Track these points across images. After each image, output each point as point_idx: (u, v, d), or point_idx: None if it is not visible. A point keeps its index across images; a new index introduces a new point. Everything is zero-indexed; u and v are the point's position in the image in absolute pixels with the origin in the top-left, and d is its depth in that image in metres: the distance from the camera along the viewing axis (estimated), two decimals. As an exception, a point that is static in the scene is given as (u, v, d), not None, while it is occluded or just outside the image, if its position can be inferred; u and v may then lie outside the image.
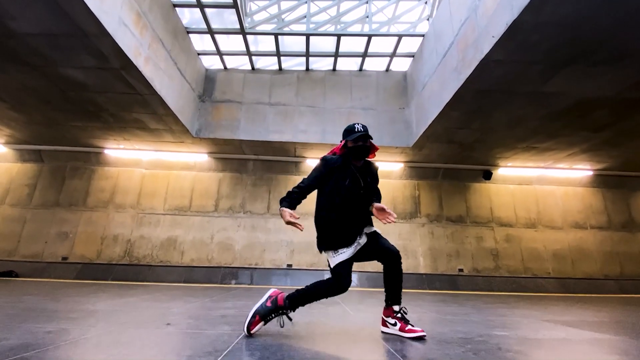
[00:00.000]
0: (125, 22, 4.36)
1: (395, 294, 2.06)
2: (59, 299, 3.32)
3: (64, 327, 1.91)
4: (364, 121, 7.23)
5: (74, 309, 2.65)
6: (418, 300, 4.36)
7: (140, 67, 4.77)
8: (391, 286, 2.06)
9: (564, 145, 6.86)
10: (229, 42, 6.98)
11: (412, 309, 3.40)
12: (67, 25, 3.98)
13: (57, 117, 6.44)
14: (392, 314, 2.04)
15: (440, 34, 5.75)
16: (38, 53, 4.51)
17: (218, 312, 2.74)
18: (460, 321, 2.59)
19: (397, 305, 2.05)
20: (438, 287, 7.15)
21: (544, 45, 4.00)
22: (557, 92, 4.98)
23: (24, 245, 7.47)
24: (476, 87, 4.86)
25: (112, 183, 7.95)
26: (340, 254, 2.01)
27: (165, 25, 5.46)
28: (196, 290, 4.99)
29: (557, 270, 7.80)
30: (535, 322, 2.69)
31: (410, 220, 7.92)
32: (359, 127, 2.12)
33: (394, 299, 2.05)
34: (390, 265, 2.04)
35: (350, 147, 2.11)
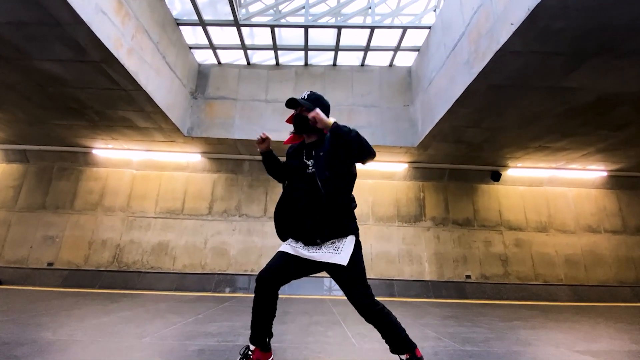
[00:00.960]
0: (104, 10, 3.95)
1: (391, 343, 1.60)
2: (23, 320, 2.93)
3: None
4: (366, 119, 6.83)
5: (28, 340, 2.26)
6: (426, 316, 3.96)
7: (122, 60, 4.36)
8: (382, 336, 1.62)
9: (579, 144, 6.44)
10: (223, 35, 6.56)
11: (423, 332, 3.00)
12: (37, 13, 3.58)
13: (39, 115, 6.04)
14: None
15: (448, 25, 5.33)
16: (9, 44, 4.10)
17: (197, 342, 2.34)
18: (482, 355, 2.19)
19: (402, 354, 1.59)
20: (444, 295, 6.75)
21: (568, 34, 3.58)
22: (577, 87, 4.56)
23: (9, 250, 7.08)
24: (489, 81, 4.44)
25: (101, 184, 7.55)
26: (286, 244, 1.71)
27: (151, 15, 5.05)
28: (185, 303, 4.59)
29: (570, 276, 7.39)
30: (570, 354, 2.29)
31: (414, 224, 7.51)
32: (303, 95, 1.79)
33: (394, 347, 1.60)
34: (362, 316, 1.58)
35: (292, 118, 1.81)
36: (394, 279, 7.02)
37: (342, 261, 1.55)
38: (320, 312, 4.12)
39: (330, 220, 1.62)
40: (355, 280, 1.57)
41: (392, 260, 7.21)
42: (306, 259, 1.64)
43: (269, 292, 1.63)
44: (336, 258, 1.56)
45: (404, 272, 7.12)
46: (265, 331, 1.64)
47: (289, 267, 1.65)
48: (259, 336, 1.63)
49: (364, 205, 7.62)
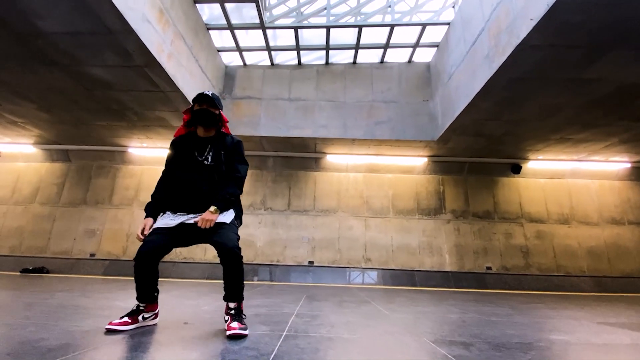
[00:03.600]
0: (149, 19, 4.34)
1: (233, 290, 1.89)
2: (89, 295, 3.34)
3: (99, 326, 1.87)
4: (386, 115, 7.05)
5: (105, 306, 2.63)
6: (449, 299, 4.17)
7: (163, 64, 4.75)
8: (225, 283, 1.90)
9: (601, 135, 6.46)
10: (247, 38, 6.91)
11: (447, 308, 3.23)
12: (93, 23, 3.99)
13: (83, 117, 6.55)
14: (227, 311, 1.91)
15: (468, 20, 5.48)
16: (64, 52, 4.55)
17: (249, 310, 2.66)
18: (507, 323, 2.42)
19: (234, 302, 1.89)
20: (465, 285, 6.91)
21: (587, 27, 3.72)
22: (598, 78, 4.65)
23: (54, 242, 7.69)
24: (510, 75, 4.59)
25: (136, 181, 8.07)
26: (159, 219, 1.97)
27: (186, 22, 5.43)
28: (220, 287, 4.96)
29: (593, 268, 7.40)
30: (589, 324, 2.49)
31: (434, 217, 7.68)
32: (206, 92, 2.04)
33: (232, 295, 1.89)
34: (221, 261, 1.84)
35: (195, 110, 2.04)
36: (415, 270, 7.23)
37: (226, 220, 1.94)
38: (347, 295, 4.40)
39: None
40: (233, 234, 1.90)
41: (413, 252, 7.41)
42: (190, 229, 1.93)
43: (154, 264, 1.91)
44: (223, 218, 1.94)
45: (424, 263, 7.31)
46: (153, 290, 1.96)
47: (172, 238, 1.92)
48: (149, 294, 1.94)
49: (384, 198, 7.85)
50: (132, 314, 1.89)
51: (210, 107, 2.04)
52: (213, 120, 2.07)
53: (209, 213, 1.89)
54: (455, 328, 2.17)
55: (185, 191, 1.99)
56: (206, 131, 2.09)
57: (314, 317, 2.45)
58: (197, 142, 2.07)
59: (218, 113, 2.09)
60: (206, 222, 1.86)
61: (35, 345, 1.42)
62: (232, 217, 1.99)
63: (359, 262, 7.34)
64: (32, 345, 1.42)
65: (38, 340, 1.50)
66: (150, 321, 1.97)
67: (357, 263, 7.32)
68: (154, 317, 2.00)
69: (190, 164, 2.01)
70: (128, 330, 1.80)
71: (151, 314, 1.97)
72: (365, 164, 8.02)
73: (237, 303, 1.91)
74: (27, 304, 2.58)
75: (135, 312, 1.90)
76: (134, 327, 1.85)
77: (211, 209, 1.90)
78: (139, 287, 1.90)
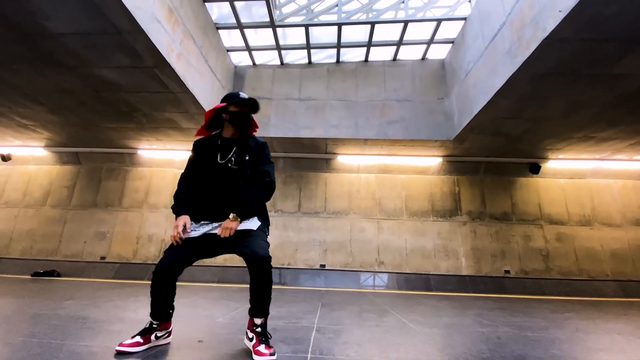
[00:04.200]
0: (158, 18, 4.22)
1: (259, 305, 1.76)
2: (100, 304, 3.23)
3: (109, 346, 1.73)
4: (399, 114, 6.85)
5: (116, 318, 2.51)
6: (472, 307, 3.97)
7: (173, 64, 4.63)
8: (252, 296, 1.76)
9: (626, 134, 6.17)
10: (257, 37, 6.78)
11: (474, 319, 3.04)
12: (101, 23, 3.88)
13: (92, 119, 6.50)
14: (251, 327, 1.77)
15: (487, 14, 5.26)
16: (73, 53, 4.46)
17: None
18: (546, 340, 2.22)
19: (260, 318, 1.76)
20: (482, 290, 6.67)
21: (620, 19, 3.48)
22: (627, 73, 4.40)
23: (65, 245, 7.67)
24: (534, 70, 4.36)
25: (145, 183, 8.01)
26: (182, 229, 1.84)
27: (195, 21, 5.32)
28: (232, 292, 4.84)
29: (616, 271, 7.09)
30: (636, 340, 2.27)
31: (450, 219, 7.45)
32: (243, 95, 1.93)
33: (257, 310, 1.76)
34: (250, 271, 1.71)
35: (232, 111, 1.93)
36: (430, 274, 7.01)
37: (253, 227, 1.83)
38: (364, 302, 4.22)
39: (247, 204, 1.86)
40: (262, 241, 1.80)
41: (428, 255, 7.20)
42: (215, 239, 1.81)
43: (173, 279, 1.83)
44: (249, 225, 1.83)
45: (440, 267, 7.09)
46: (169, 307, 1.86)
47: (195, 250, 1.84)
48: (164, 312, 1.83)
49: (397, 200, 7.64)
50: (144, 332, 1.77)
51: (252, 112, 1.97)
52: (249, 125, 2.00)
53: (228, 221, 1.76)
54: (493, 347, 1.98)
55: (209, 197, 1.89)
56: (235, 133, 1.98)
57: (337, 332, 2.28)
58: (222, 143, 1.96)
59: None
60: (225, 230, 1.74)
61: (39, 373, 1.29)
62: (259, 224, 1.86)
63: (371, 265, 7.15)
64: (35, 373, 1.29)
65: (43, 366, 1.37)
66: (163, 340, 1.84)
67: (369, 266, 7.14)
68: (167, 336, 1.88)
69: (213, 168, 1.91)
70: (139, 352, 1.66)
71: (164, 332, 1.84)
72: (378, 164, 7.82)
73: (263, 319, 1.77)
74: (35, 316, 2.47)
75: (148, 330, 1.78)
76: (146, 347, 1.73)
77: (230, 216, 1.77)
78: (154, 303, 1.79)
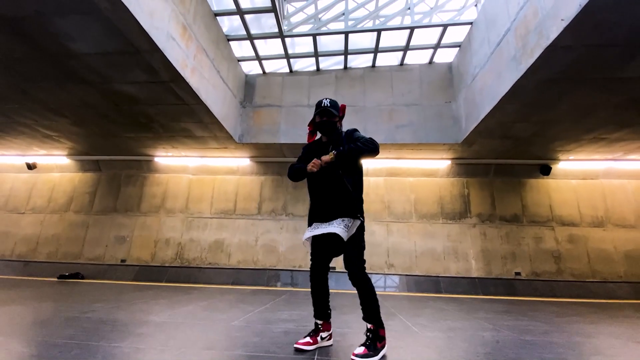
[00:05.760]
0: (173, 36, 4.47)
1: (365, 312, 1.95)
2: (125, 307, 3.47)
3: (138, 347, 1.94)
4: (407, 118, 6.95)
5: (142, 322, 2.73)
6: (479, 311, 4.06)
7: (187, 79, 4.88)
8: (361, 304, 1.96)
9: (638, 134, 6.11)
10: (266, 47, 6.99)
11: (478, 322, 3.15)
12: (121, 43, 4.15)
13: (112, 129, 6.83)
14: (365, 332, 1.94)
15: (492, 20, 5.31)
16: (95, 71, 4.76)
17: (279, 326, 2.70)
18: (543, 344, 2.32)
19: (369, 324, 1.93)
20: (492, 292, 6.71)
21: (624, 26, 3.52)
22: (635, 77, 4.40)
23: (88, 249, 8.07)
24: (539, 77, 4.42)
25: (162, 189, 8.34)
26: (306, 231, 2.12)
27: (208, 35, 5.56)
28: (247, 295, 5.06)
29: (630, 273, 7.00)
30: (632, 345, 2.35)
31: (459, 221, 7.50)
32: (324, 102, 2.13)
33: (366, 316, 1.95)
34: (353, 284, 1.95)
35: (317, 122, 2.19)
36: (440, 276, 7.08)
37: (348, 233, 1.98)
38: (373, 305, 4.36)
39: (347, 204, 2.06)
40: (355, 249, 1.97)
41: (438, 258, 7.27)
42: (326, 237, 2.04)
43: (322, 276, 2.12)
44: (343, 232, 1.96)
45: (450, 269, 7.15)
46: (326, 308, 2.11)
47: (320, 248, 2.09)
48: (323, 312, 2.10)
49: (406, 203, 7.73)
50: (313, 333, 2.06)
51: (330, 118, 2.16)
52: (334, 128, 2.20)
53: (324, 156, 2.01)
54: (489, 351, 2.11)
55: (317, 200, 2.14)
56: (330, 138, 2.22)
57: (343, 335, 2.45)
58: (321, 147, 2.20)
59: (337, 119, 2.21)
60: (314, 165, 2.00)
61: (82, 371, 1.50)
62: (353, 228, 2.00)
63: (381, 267, 7.27)
64: (80, 371, 1.50)
65: (85, 365, 1.58)
66: (326, 342, 2.10)
67: (379, 269, 7.26)
68: (329, 338, 2.13)
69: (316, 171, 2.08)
70: (310, 350, 1.95)
71: (327, 334, 2.10)
72: (386, 167, 7.93)
73: (373, 325, 1.91)
74: (69, 319, 2.72)
75: (315, 331, 2.07)
76: (314, 347, 2.01)
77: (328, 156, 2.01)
78: (314, 303, 2.10)
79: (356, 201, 2.04)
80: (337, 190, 2.04)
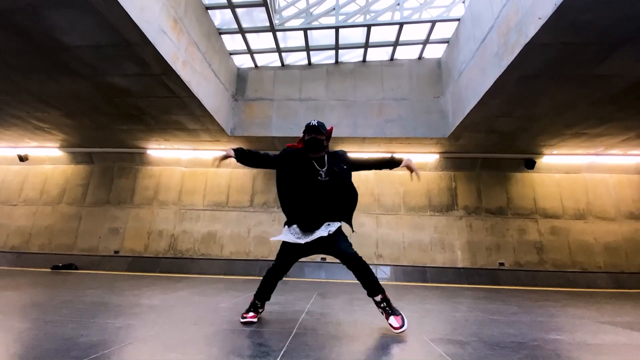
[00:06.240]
0: (164, 29, 4.54)
1: (368, 287, 2.14)
2: (118, 292, 3.61)
3: (130, 323, 2.08)
4: (397, 113, 7.09)
5: (134, 304, 2.87)
6: (459, 297, 4.27)
7: (178, 71, 4.96)
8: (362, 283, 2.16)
9: (618, 129, 6.32)
10: (258, 40, 7.06)
11: (454, 306, 3.34)
12: (113, 36, 4.21)
13: (104, 122, 6.88)
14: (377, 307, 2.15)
15: (478, 17, 5.45)
16: (87, 63, 4.82)
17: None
18: (508, 322, 2.51)
19: (376, 295, 2.12)
20: (477, 281, 6.95)
21: (597, 25, 3.68)
22: (612, 74, 4.58)
23: (81, 240, 8.15)
24: (520, 73, 4.58)
25: (155, 181, 8.42)
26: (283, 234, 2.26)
27: (199, 28, 5.62)
28: (237, 284, 5.21)
29: (610, 264, 7.29)
30: (591, 324, 2.55)
31: (446, 213, 7.71)
32: (313, 122, 2.30)
33: (370, 291, 2.14)
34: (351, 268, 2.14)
35: (306, 139, 2.32)
36: (427, 266, 7.31)
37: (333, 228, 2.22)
38: (358, 292, 4.54)
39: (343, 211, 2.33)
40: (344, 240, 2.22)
41: (425, 249, 7.49)
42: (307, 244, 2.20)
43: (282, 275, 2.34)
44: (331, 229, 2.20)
45: (436, 260, 7.37)
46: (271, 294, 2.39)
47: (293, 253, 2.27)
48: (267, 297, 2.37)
49: (395, 196, 7.92)
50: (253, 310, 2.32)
51: (318, 135, 2.30)
52: (321, 146, 2.33)
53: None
54: (456, 327, 2.29)
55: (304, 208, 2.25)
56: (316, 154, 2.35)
57: (324, 315, 2.61)
58: (305, 161, 2.32)
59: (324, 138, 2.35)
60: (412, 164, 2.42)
61: (77, 341, 1.64)
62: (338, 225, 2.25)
63: (370, 258, 7.47)
64: (74, 341, 1.64)
65: (79, 337, 1.72)
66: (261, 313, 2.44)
67: (369, 259, 7.45)
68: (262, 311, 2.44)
69: (305, 181, 2.26)
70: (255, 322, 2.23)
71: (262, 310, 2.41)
72: (376, 161, 8.08)
73: (381, 295, 2.12)
74: (63, 302, 2.85)
75: (256, 308, 2.33)
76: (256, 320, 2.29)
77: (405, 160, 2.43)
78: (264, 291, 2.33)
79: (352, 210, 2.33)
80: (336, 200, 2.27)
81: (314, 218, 2.23)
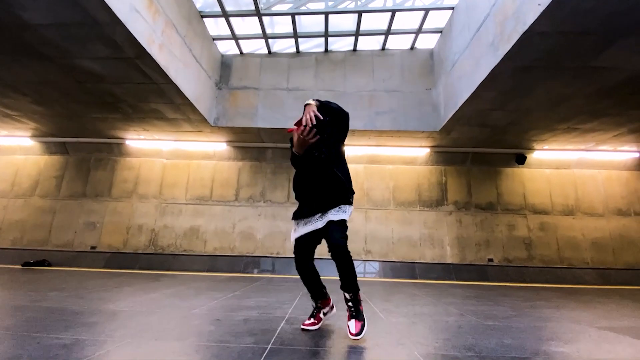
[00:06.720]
0: (137, 8, 4.17)
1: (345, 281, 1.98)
2: (84, 295, 3.31)
3: (79, 338, 1.81)
4: (388, 105, 6.86)
5: (96, 310, 2.59)
6: (449, 296, 4.11)
7: (154, 55, 4.60)
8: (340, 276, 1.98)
9: (610, 125, 6.25)
10: (244, 25, 6.68)
11: (445, 308, 3.16)
12: (78, 14, 3.84)
13: (77, 109, 6.45)
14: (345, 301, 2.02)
15: (473, 5, 5.22)
16: (52, 44, 4.42)
17: (241, 313, 2.61)
18: (504, 329, 2.33)
19: (349, 292, 1.99)
20: (466, 277, 6.85)
21: (599, 13, 3.50)
22: (609, 66, 4.44)
23: (55, 235, 7.72)
24: (516, 63, 4.39)
25: (134, 174, 8.02)
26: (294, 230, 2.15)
27: (178, 10, 5.24)
28: (220, 282, 4.95)
29: (597, 260, 7.29)
30: (590, 329, 2.40)
31: (436, 209, 7.57)
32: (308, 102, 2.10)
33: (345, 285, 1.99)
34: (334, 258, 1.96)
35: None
36: (416, 262, 7.17)
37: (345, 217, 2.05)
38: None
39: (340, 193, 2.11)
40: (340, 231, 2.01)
41: (414, 244, 7.35)
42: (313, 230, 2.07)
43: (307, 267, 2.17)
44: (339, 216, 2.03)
45: (425, 256, 7.25)
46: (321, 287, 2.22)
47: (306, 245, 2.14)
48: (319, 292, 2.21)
49: (385, 190, 7.73)
50: (316, 312, 2.18)
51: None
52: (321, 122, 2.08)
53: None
54: (449, 337, 2.09)
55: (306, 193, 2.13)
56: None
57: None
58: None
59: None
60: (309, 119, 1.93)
61: (5, 366, 1.36)
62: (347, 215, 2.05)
63: (359, 254, 7.29)
64: (1, 366, 1.36)
65: (11, 359, 1.44)
66: (330, 315, 2.29)
67: (357, 255, 7.28)
68: (331, 309, 2.30)
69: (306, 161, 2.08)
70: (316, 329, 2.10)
71: (327, 308, 2.25)
72: (366, 154, 7.87)
73: (353, 294, 1.98)
74: (15, 308, 2.54)
75: (317, 309, 2.19)
76: (320, 325, 2.15)
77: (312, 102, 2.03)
78: (307, 289, 2.20)
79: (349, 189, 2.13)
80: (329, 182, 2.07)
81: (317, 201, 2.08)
